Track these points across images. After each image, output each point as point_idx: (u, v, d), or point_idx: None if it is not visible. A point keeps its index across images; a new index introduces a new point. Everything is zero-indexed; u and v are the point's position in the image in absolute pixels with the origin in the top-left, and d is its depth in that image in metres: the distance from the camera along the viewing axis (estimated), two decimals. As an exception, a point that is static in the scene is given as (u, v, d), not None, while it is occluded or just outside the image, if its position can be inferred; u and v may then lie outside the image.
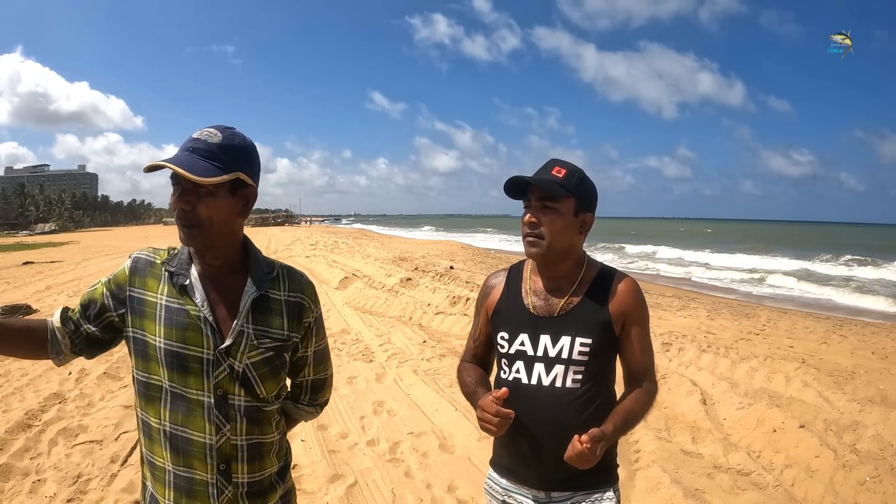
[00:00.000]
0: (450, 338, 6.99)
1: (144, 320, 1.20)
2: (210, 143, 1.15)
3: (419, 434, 4.00)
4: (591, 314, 1.46)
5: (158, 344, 1.18)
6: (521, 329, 1.51)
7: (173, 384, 1.18)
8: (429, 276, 10.50)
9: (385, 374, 5.43)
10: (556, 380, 1.45)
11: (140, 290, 1.21)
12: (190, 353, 1.18)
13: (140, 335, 1.20)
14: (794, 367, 5.03)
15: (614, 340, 1.48)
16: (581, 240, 1.51)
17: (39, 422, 4.16)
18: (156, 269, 1.22)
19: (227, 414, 1.21)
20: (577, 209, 1.46)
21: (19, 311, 8.59)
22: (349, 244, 22.88)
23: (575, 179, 1.45)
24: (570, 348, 1.45)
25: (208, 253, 1.23)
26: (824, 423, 3.78)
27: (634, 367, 1.51)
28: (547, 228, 1.44)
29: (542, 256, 1.48)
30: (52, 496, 3.13)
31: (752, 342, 6.55)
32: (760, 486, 3.17)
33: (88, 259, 20.52)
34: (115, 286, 1.23)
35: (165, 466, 1.20)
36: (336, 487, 3.21)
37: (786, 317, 9.20)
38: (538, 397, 1.44)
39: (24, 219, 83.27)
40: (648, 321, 1.52)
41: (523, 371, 1.49)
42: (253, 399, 1.24)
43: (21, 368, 5.61)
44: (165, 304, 1.19)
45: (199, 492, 1.20)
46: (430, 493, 3.17)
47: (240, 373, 1.21)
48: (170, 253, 1.25)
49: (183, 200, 1.15)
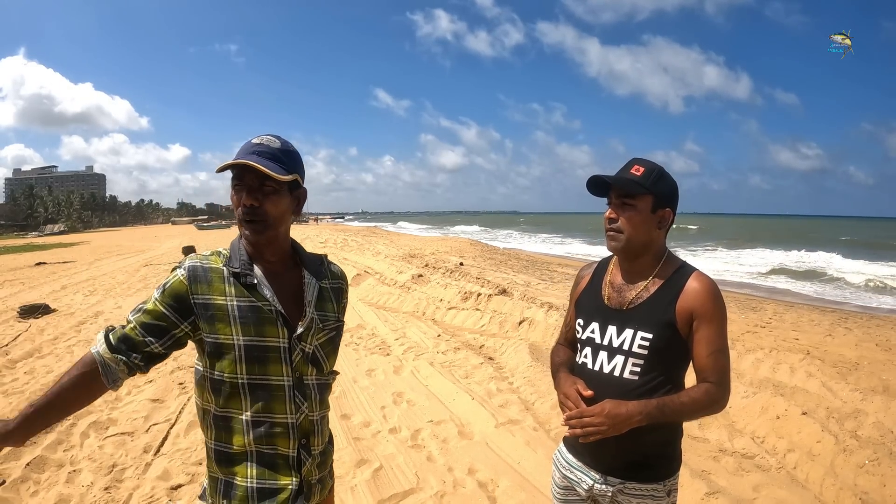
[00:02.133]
0: (463, 332, 7.12)
1: (217, 324, 1.28)
2: (272, 147, 1.30)
3: (438, 422, 4.16)
4: (657, 311, 1.51)
5: (237, 342, 1.28)
6: (593, 318, 1.62)
7: (252, 377, 1.30)
8: (439, 273, 10.63)
9: (402, 366, 5.58)
10: (615, 369, 1.53)
11: (205, 296, 1.28)
12: (269, 345, 1.30)
13: (213, 338, 1.29)
14: (798, 359, 5.14)
15: (679, 338, 1.50)
16: (660, 235, 1.56)
17: (70, 416, 4.33)
18: (216, 273, 1.30)
19: (305, 393, 1.37)
20: (655, 206, 1.51)
21: (38, 309, 8.78)
22: (359, 241, 23.03)
23: (653, 177, 1.51)
24: (632, 341, 1.52)
25: (268, 250, 1.35)
26: (827, 411, 3.91)
27: (699, 366, 1.50)
28: (625, 224, 1.51)
29: (620, 250, 1.56)
30: (90, 485, 3.29)
31: (758, 335, 6.66)
32: (764, 468, 3.31)
33: (101, 259, 20.73)
34: (172, 300, 1.28)
35: (246, 450, 1.32)
36: (363, 471, 3.38)
37: (792, 310, 9.29)
38: (598, 383, 1.53)
39: (34, 220, 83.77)
40: (722, 323, 1.50)
41: (590, 357, 1.60)
42: (321, 376, 1.41)
43: (46, 366, 5.80)
44: (237, 305, 1.29)
45: (282, 465, 1.34)
46: (451, 475, 3.33)
47: (310, 354, 1.37)
48: (223, 256, 1.34)
49: (251, 197, 1.27)
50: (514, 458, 3.52)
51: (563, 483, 1.70)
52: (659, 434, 1.52)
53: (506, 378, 5.14)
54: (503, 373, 5.31)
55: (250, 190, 1.28)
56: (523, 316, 7.09)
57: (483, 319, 7.43)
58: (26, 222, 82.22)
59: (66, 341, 6.89)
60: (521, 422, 4.07)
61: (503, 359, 5.79)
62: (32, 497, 3.20)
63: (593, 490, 1.60)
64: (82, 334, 7.25)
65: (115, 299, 10.12)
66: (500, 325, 7.11)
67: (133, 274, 14.48)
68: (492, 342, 6.44)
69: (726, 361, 1.49)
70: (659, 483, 1.55)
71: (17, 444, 1.25)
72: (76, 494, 3.19)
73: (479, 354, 5.94)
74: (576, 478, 1.65)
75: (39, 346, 6.67)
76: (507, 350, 5.99)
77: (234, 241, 1.38)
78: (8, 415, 4.38)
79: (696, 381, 1.51)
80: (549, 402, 4.44)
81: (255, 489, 1.32)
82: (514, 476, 3.29)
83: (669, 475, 1.58)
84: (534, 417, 4.18)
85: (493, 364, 5.59)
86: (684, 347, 1.51)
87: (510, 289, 8.50)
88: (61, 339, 6.99)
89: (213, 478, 1.37)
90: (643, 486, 1.55)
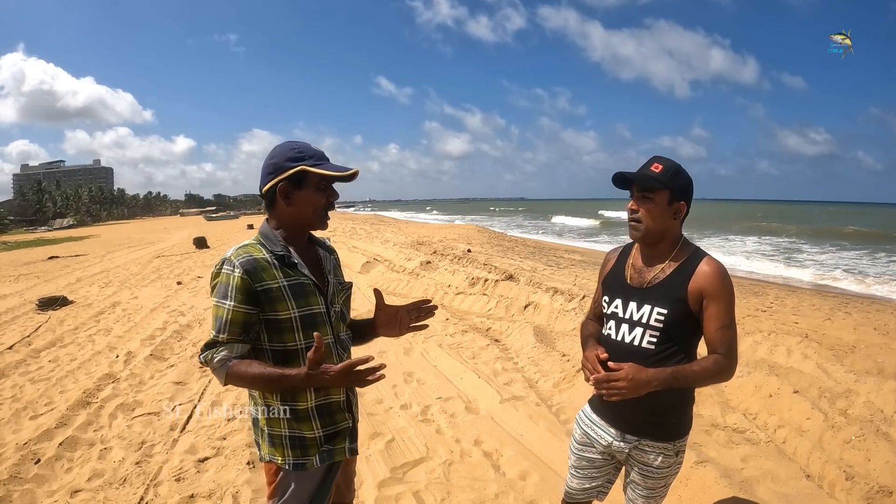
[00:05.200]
0: (470, 315, 7.32)
1: (276, 304, 1.54)
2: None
3: (447, 398, 4.39)
4: (672, 289, 1.71)
5: (293, 315, 1.56)
6: (617, 294, 1.85)
7: (308, 340, 1.55)
8: (447, 259, 10.79)
9: (412, 348, 5.78)
10: (634, 339, 1.76)
11: (264, 283, 1.52)
12: (315, 311, 1.61)
13: (273, 316, 1.55)
14: (796, 342, 5.25)
15: (691, 314, 1.69)
16: (676, 225, 1.76)
17: (97, 399, 4.56)
18: (263, 262, 1.54)
19: (343, 346, 1.71)
20: (671, 199, 1.71)
21: (56, 302, 9.02)
22: (367, 230, 23.17)
23: (670, 174, 1.70)
24: (649, 315, 1.73)
25: (306, 234, 1.70)
26: (819, 391, 4.05)
27: (709, 339, 1.70)
28: (644, 215, 1.72)
29: (640, 238, 1.77)
30: (121, 460, 3.52)
31: (758, 318, 6.76)
32: (753, 441, 3.48)
33: (112, 251, 21.00)
34: (245, 297, 1.51)
35: (308, 405, 1.61)
36: (377, 443, 3.62)
37: (794, 295, 9.36)
38: (619, 352, 1.74)
39: (42, 215, 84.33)
40: (729, 301, 1.68)
41: (613, 329, 1.82)
42: (346, 331, 1.75)
43: (69, 354, 6.04)
44: (287, 285, 1.56)
45: (337, 410, 1.67)
46: (458, 446, 3.57)
47: (339, 312, 1.69)
48: (260, 244, 1.59)
49: (337, 195, 1.64)
50: (517, 430, 3.73)
51: (582, 439, 1.96)
52: (673, 398, 1.73)
53: (511, 358, 5.35)
54: (508, 353, 5.52)
55: (334, 190, 1.63)
56: (529, 300, 7.26)
57: (490, 304, 7.61)
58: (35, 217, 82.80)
59: (86, 331, 7.14)
60: (525, 398, 4.27)
61: (509, 340, 5.99)
62: (67, 473, 3.43)
63: (612, 447, 1.85)
64: (101, 324, 7.50)
65: (130, 290, 10.36)
66: (507, 308, 7.29)
67: (146, 265, 14.74)
68: (498, 325, 6.63)
69: (733, 335, 1.68)
70: (669, 442, 1.79)
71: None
72: (109, 469, 3.42)
73: (485, 337, 6.14)
74: (596, 434, 1.90)
75: (61, 336, 6.92)
76: (513, 332, 6.18)
77: (263, 229, 1.64)
78: (36, 400, 4.62)
79: (707, 353, 1.70)
80: (551, 380, 4.64)
81: (322, 436, 1.63)
82: (516, 446, 3.51)
83: (679, 436, 1.81)
84: (536, 394, 4.39)
85: (499, 346, 5.79)
86: (696, 322, 1.70)
87: (517, 274, 8.65)
88: (82, 329, 7.24)
89: (277, 435, 1.62)
90: (656, 444, 1.79)
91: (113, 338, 6.66)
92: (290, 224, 1.63)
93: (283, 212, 1.60)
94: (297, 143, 1.61)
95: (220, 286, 1.52)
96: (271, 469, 1.64)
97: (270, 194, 1.59)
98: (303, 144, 1.61)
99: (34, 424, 4.12)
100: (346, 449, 1.69)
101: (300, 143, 1.61)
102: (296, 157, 1.56)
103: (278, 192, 1.57)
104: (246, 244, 1.58)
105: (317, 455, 1.63)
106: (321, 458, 1.63)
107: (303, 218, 1.61)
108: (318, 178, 1.56)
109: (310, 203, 1.59)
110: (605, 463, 1.92)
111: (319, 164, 1.57)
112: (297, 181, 1.56)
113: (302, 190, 1.57)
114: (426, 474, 3.21)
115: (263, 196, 1.61)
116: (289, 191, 1.57)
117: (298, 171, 1.54)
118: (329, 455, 1.65)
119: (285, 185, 1.56)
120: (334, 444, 1.67)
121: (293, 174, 1.55)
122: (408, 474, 3.22)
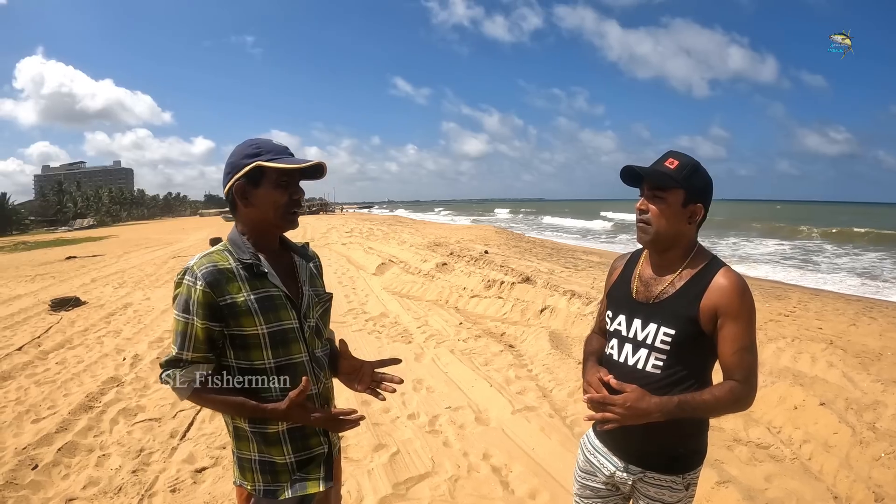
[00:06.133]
0: (485, 319, 7.16)
1: (241, 319, 1.40)
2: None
3: (456, 408, 4.23)
4: (681, 306, 1.50)
5: (261, 331, 1.41)
6: (621, 310, 1.63)
7: (279, 359, 1.43)
8: (464, 261, 10.62)
9: (423, 354, 5.66)
10: (638, 362, 1.55)
11: (228, 297, 1.39)
12: (287, 327, 1.46)
13: (238, 332, 1.41)
14: (821, 349, 5.06)
15: (702, 335, 1.48)
16: (690, 230, 1.55)
17: (100, 403, 4.50)
18: (228, 273, 1.41)
19: (320, 364, 1.54)
20: (686, 200, 1.50)
21: (68, 303, 9.04)
22: (384, 231, 22.98)
23: (686, 172, 1.49)
24: (655, 336, 1.52)
25: (275, 237, 1.55)
26: (845, 402, 3.87)
27: (725, 364, 1.48)
28: (654, 216, 1.52)
29: (649, 243, 1.57)
30: (118, 468, 3.44)
31: (781, 323, 6.56)
32: (777, 458, 3.30)
33: (129, 252, 21.16)
34: (208, 313, 1.38)
35: (279, 429, 1.46)
36: (380, 455, 3.46)
37: (817, 298, 9.11)
38: (622, 375, 1.52)
39: (63, 215, 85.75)
40: (750, 320, 1.47)
41: (616, 349, 1.62)
42: (323, 347, 1.58)
43: (77, 356, 6.00)
44: (254, 298, 1.41)
45: (311, 434, 1.51)
46: (466, 460, 3.40)
47: (314, 327, 1.53)
48: (227, 251, 1.45)
49: (301, 191, 1.50)
50: (528, 444, 3.57)
51: (585, 467, 1.75)
52: (683, 428, 1.53)
53: (525, 365, 5.19)
54: (522, 360, 5.36)
55: (298, 185, 1.49)
56: (545, 304, 7.08)
57: (505, 307, 7.44)
58: (56, 217, 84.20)
59: (95, 332, 7.11)
60: (538, 409, 4.11)
61: (523, 346, 5.83)
62: (63, 480, 3.36)
63: (614, 477, 1.64)
64: (111, 325, 7.47)
65: (143, 291, 10.36)
66: (522, 312, 7.12)
67: (161, 266, 14.78)
68: (513, 330, 6.47)
69: (753, 360, 1.47)
70: (678, 475, 1.58)
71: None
72: (105, 477, 3.34)
73: (499, 342, 5.98)
74: (598, 463, 1.69)
75: (70, 337, 6.89)
76: (528, 338, 6.02)
77: (232, 235, 1.50)
78: (39, 403, 4.58)
79: (722, 379, 1.50)
80: (566, 389, 4.48)
81: (294, 462, 1.49)
82: (527, 462, 3.35)
83: (689, 469, 1.60)
84: (550, 404, 4.22)
85: (512, 352, 5.63)
86: (709, 343, 1.49)
87: (534, 276, 8.47)
88: (91, 331, 7.21)
89: (246, 458, 1.49)
90: (662, 478, 1.58)
91: (122, 340, 6.63)
92: (254, 227, 1.49)
93: (243, 213, 1.48)
94: (256, 139, 1.49)
95: (181, 298, 1.39)
96: (242, 494, 1.51)
97: (231, 196, 1.47)
98: (262, 140, 1.48)
99: (35, 428, 4.07)
100: (320, 480, 1.51)
101: (259, 140, 1.48)
102: (252, 153, 1.44)
103: (235, 192, 1.45)
104: (211, 252, 1.45)
105: (288, 484, 1.48)
106: (293, 488, 1.48)
107: (265, 219, 1.47)
108: (276, 173, 1.43)
109: (270, 201, 1.45)
110: (609, 493, 1.71)
111: (277, 158, 1.43)
112: (254, 179, 1.44)
113: (260, 188, 1.44)
114: (430, 490, 3.06)
115: (227, 199, 1.50)
116: (246, 189, 1.45)
117: (254, 167, 1.42)
118: (301, 486, 1.49)
119: (242, 184, 1.44)
120: (308, 473, 1.50)
121: (249, 171, 1.43)
122: (411, 490, 3.07)
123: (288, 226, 1.50)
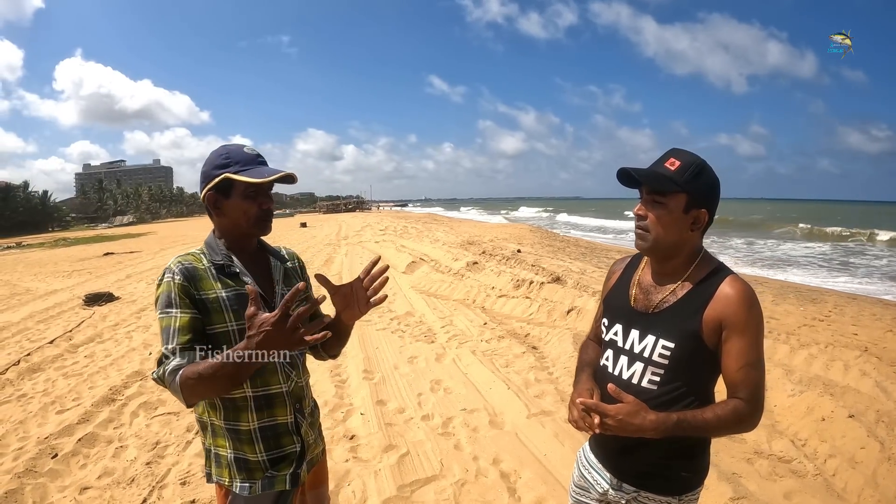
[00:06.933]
0: (510, 320, 7.08)
1: (212, 315, 1.42)
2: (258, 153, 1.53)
3: (471, 410, 4.17)
4: (682, 318, 1.39)
5: (231, 328, 1.42)
6: (617, 318, 1.53)
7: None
8: (495, 260, 10.52)
9: (445, 354, 5.62)
10: (633, 376, 1.44)
11: (202, 292, 1.42)
12: None
13: (210, 330, 1.42)
14: (854, 356, 4.85)
15: (705, 349, 1.37)
16: (693, 236, 1.42)
17: (123, 396, 4.62)
18: (202, 272, 1.44)
19: (292, 363, 1.56)
20: (689, 205, 1.38)
21: (102, 298, 9.31)
22: (418, 229, 22.94)
23: (689, 174, 1.36)
24: (652, 349, 1.42)
25: (251, 241, 1.56)
26: (876, 415, 3.68)
27: (729, 380, 1.36)
28: (652, 223, 1.40)
29: (648, 251, 1.46)
30: (133, 459, 3.53)
31: (815, 328, 6.32)
32: (799, 473, 3.15)
33: (165, 249, 21.71)
34: (189, 301, 1.39)
35: (251, 426, 1.48)
36: (389, 456, 3.44)
37: (854, 303, 8.76)
38: None
39: (103, 212, 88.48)
40: (757, 334, 1.35)
41: (611, 360, 1.51)
42: None
43: (105, 350, 6.17)
44: (225, 295, 1.44)
45: (283, 432, 1.52)
46: (475, 464, 3.34)
47: None
48: (202, 254, 1.49)
49: (271, 200, 1.51)
50: (541, 449, 3.49)
51: (579, 482, 1.66)
52: (681, 446, 1.43)
53: (546, 368, 5.10)
54: (544, 363, 5.27)
55: (268, 195, 1.51)
56: (573, 305, 6.95)
57: (532, 308, 7.33)
58: (96, 214, 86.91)
59: (125, 327, 7.30)
60: (554, 413, 4.02)
61: (546, 348, 5.73)
62: (81, 469, 3.46)
63: (608, 495, 1.54)
64: (142, 321, 7.66)
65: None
66: (549, 313, 7.01)
67: (193, 263, 15.07)
68: (538, 331, 6.38)
69: (760, 377, 1.34)
70: (674, 497, 1.47)
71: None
72: (120, 468, 3.42)
73: (522, 343, 5.90)
74: (592, 479, 1.60)
75: (101, 331, 7.09)
76: (552, 339, 5.93)
77: (209, 239, 1.53)
78: (65, 395, 4.71)
79: (726, 396, 1.38)
80: (584, 394, 4.38)
81: (266, 460, 1.49)
82: (537, 468, 3.27)
83: (687, 490, 1.48)
84: (567, 410, 4.11)
85: (535, 353, 5.55)
86: (711, 358, 1.38)
87: (564, 276, 8.33)
88: (121, 326, 7.41)
89: (223, 455, 1.50)
90: (658, 498, 1.47)
91: (150, 335, 6.78)
92: (228, 233, 1.52)
93: (217, 221, 1.52)
94: (228, 146, 1.50)
95: (163, 296, 1.40)
96: (220, 491, 1.53)
97: (205, 204, 1.51)
98: (233, 148, 1.49)
99: (59, 419, 4.19)
100: (287, 477, 1.51)
101: (231, 148, 1.49)
102: (221, 163, 1.46)
103: (206, 201, 1.49)
104: (187, 253, 1.50)
105: (261, 480, 1.49)
106: (262, 484, 1.49)
107: (237, 227, 1.50)
108: (243, 185, 1.45)
109: (240, 212, 1.47)
110: None
111: (245, 169, 1.45)
112: (224, 190, 1.46)
113: (230, 199, 1.47)
114: (435, 494, 3.01)
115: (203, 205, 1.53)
116: (217, 200, 1.47)
117: (223, 178, 1.44)
118: (269, 483, 1.50)
119: (213, 195, 1.47)
120: (278, 470, 1.51)
121: (218, 183, 1.45)
122: (416, 493, 3.03)
123: (260, 232, 1.53)
